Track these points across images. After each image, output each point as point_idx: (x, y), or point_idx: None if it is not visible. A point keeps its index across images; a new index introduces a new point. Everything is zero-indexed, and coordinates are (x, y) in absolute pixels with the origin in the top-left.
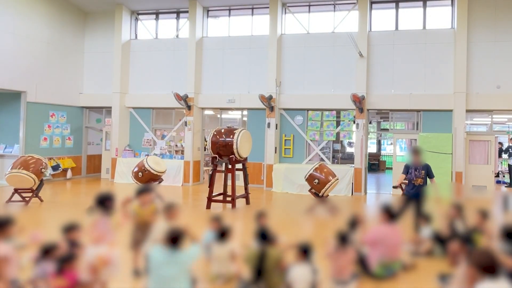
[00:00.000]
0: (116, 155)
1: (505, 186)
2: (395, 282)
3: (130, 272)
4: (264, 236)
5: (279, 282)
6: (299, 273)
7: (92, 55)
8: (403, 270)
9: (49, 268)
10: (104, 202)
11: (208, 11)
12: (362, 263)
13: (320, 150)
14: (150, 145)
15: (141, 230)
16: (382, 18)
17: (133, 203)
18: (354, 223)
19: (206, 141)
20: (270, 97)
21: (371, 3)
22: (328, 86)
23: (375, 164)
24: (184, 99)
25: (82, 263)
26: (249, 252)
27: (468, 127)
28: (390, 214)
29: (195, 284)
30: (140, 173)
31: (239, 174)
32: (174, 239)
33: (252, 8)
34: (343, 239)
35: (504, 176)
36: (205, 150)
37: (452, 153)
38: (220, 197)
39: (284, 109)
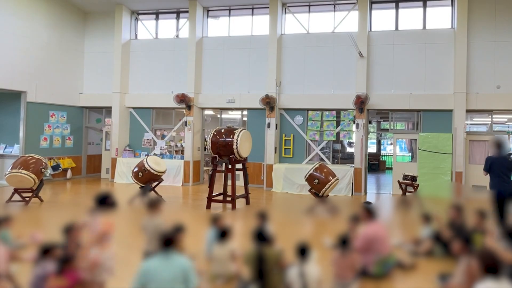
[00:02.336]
0: (116, 155)
1: None
2: (395, 282)
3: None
4: (261, 237)
5: (279, 282)
6: (292, 274)
7: (92, 55)
8: (402, 270)
9: (49, 268)
10: (100, 204)
11: (208, 11)
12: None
13: (320, 150)
14: (150, 145)
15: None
16: (382, 18)
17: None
18: (356, 219)
19: (206, 141)
20: (268, 96)
21: (371, 3)
22: (328, 86)
23: (375, 164)
24: (184, 99)
25: (81, 263)
26: (247, 253)
27: (468, 127)
28: (369, 212)
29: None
30: (140, 173)
31: (239, 174)
32: (168, 241)
33: (252, 8)
34: (344, 243)
35: None
36: (205, 150)
37: (452, 153)
38: (220, 197)
39: (284, 109)
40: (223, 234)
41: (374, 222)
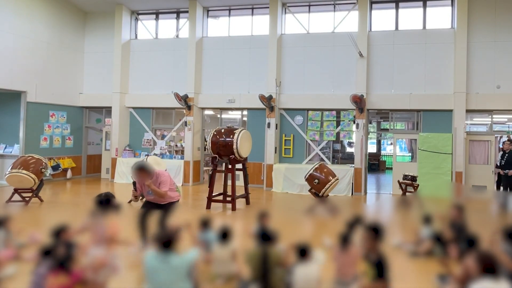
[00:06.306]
0: (116, 155)
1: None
2: (393, 282)
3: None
4: (265, 237)
5: (279, 282)
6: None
7: (92, 55)
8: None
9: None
10: (103, 204)
11: (208, 11)
12: None
13: (320, 150)
14: (150, 145)
15: None
16: (382, 18)
17: None
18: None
19: (206, 141)
20: (270, 97)
21: (371, 3)
22: (328, 86)
23: (375, 164)
24: (184, 99)
25: (81, 263)
26: (250, 253)
27: (468, 127)
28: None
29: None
30: None
31: (239, 174)
32: (167, 243)
33: (252, 8)
34: (346, 240)
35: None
36: (205, 150)
37: (452, 153)
38: (220, 197)
39: (284, 109)
40: (224, 235)
41: (158, 172)
